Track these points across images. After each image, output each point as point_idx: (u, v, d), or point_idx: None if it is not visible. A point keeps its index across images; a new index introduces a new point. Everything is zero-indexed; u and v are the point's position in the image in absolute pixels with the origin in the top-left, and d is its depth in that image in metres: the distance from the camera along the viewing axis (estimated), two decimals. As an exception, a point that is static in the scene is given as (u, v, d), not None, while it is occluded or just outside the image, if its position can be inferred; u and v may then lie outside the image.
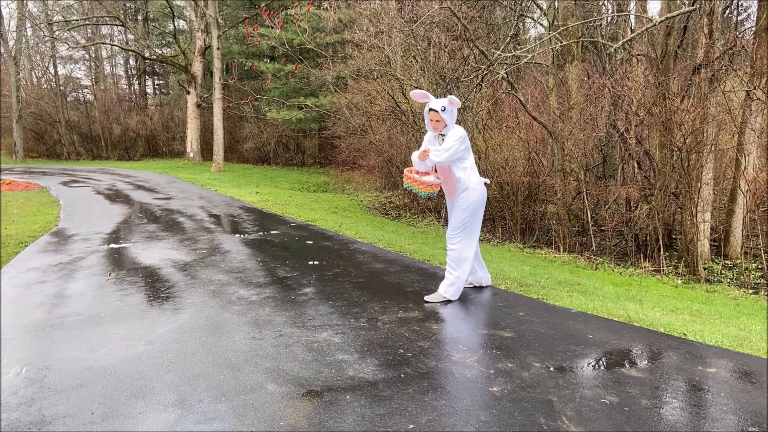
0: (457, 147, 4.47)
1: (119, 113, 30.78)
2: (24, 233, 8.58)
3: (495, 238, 9.38)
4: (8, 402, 3.03)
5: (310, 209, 11.26)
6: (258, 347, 3.74)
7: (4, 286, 5.59)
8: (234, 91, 24.86)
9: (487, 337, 3.89)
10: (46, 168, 24.17)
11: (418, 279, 5.46)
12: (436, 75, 10.39)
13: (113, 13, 24.00)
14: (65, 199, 13.04)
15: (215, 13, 21.31)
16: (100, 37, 31.49)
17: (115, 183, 16.58)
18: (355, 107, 13.73)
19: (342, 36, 16.67)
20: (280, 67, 20.98)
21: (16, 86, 27.84)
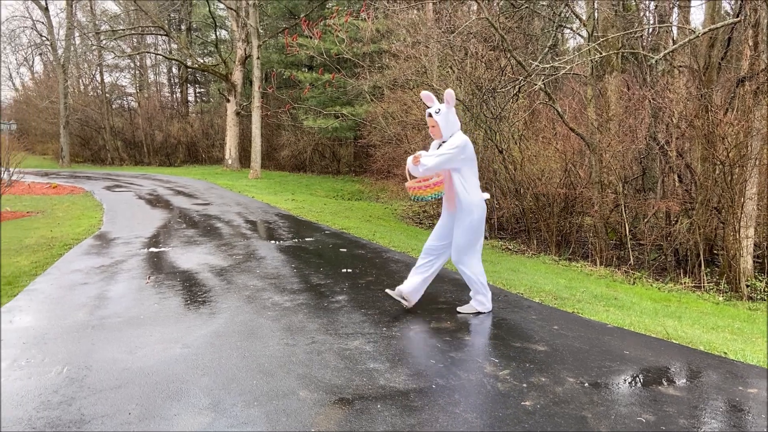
0: (453, 155, 4.24)
1: (161, 120, 31.56)
2: (68, 236, 8.86)
3: (530, 250, 9.28)
4: (49, 400, 3.14)
5: (344, 217, 11.34)
6: (291, 353, 3.79)
7: (50, 286, 5.78)
8: (272, 100, 25.26)
9: (520, 350, 3.85)
10: (91, 173, 24.92)
11: (450, 289, 5.44)
12: (473, 85, 10.38)
13: (158, 23, 24.68)
14: (108, 203, 13.42)
15: (256, 23, 21.72)
16: (145, 46, 32.43)
17: (156, 188, 16.99)
18: (390, 116, 13.79)
19: (379, 46, 16.80)
20: (318, 76, 21.24)
21: (64, 93, 28.83)
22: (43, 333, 4.29)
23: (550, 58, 9.94)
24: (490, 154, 10.32)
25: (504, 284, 5.73)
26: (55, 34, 30.69)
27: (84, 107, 31.95)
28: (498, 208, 10.30)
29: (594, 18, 10.28)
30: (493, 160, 10.26)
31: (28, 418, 2.93)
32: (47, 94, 33.18)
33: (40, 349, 3.94)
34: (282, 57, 25.49)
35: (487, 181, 10.37)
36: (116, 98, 34.86)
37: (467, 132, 10.66)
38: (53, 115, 31.61)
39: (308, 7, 23.24)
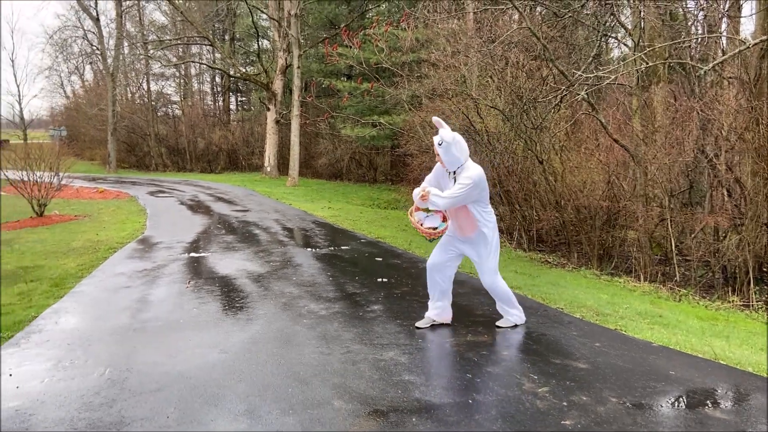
0: (465, 194, 4.11)
1: (204, 128, 32.21)
2: (113, 239, 9.09)
3: (570, 264, 9.09)
4: (91, 402, 3.20)
5: (380, 226, 11.33)
6: (326, 362, 3.78)
7: (94, 288, 5.92)
8: (311, 109, 25.51)
9: (560, 367, 3.75)
10: (136, 178, 25.59)
11: (488, 302, 5.35)
12: (513, 95, 10.27)
13: (203, 33, 25.26)
14: (152, 208, 13.74)
15: (297, 33, 22.03)
16: (190, 55, 33.25)
17: (197, 194, 17.32)
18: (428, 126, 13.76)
19: (418, 55, 16.81)
20: (357, 85, 21.36)
21: (113, 101, 29.72)
22: (87, 335, 4.39)
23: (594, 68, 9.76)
24: (529, 164, 10.17)
25: (543, 298, 5.62)
26: (105, 43, 31.71)
27: (131, 115, 32.88)
28: (537, 220, 10.13)
29: (640, 27, 10.06)
30: (532, 171, 10.11)
31: (70, 419, 2.99)
32: (96, 101, 34.27)
33: (84, 350, 4.04)
34: (321, 66, 25.74)
35: (527, 192, 10.21)
36: (161, 106, 35.75)
37: (506, 142, 10.54)
38: (102, 122, 32.60)
39: (348, 18, 23.46)
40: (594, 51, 10.65)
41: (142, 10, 33.49)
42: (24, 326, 4.65)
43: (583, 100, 9.02)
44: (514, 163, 10.40)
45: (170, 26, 33.47)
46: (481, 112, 10.99)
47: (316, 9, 25.26)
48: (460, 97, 11.33)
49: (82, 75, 44.96)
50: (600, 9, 10.11)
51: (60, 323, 4.73)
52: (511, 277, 6.76)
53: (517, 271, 7.45)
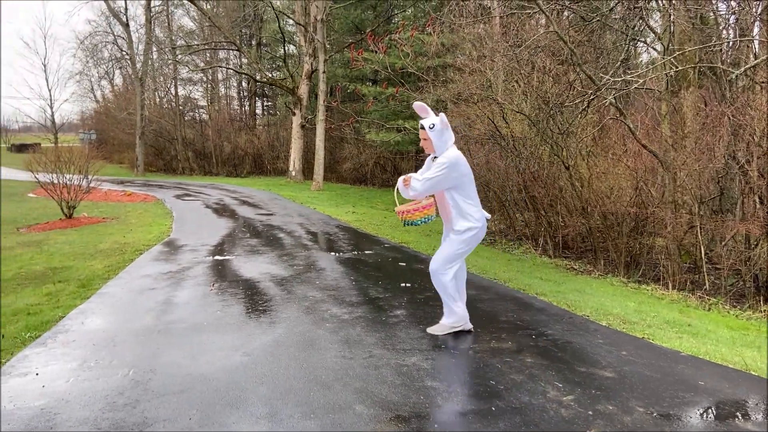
0: (442, 177, 4.04)
1: (230, 132, 32.57)
2: (140, 242, 9.22)
3: (596, 271, 8.94)
4: (115, 402, 3.22)
5: (404, 231, 11.30)
6: (348, 366, 3.76)
7: (120, 290, 6.00)
8: (336, 113, 25.64)
9: (586, 375, 3.68)
10: (163, 181, 25.97)
11: (512, 308, 5.29)
12: (539, 99, 10.16)
13: (230, 39, 25.56)
14: (178, 211, 13.91)
15: (323, 38, 22.17)
16: (217, 60, 33.65)
17: (222, 198, 17.49)
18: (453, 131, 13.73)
19: (444, 60, 16.78)
20: (382, 90, 21.40)
21: (141, 105, 30.24)
22: (112, 335, 4.44)
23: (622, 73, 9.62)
24: (555, 170, 10.05)
25: (569, 305, 5.53)
26: (135, 48, 32.32)
27: (159, 119, 33.41)
28: (563, 226, 9.99)
29: (670, 31, 9.89)
30: (558, 176, 9.99)
31: (93, 419, 3.01)
32: (125, 105, 34.92)
33: (109, 351, 4.08)
34: (347, 71, 25.86)
35: (552, 198, 10.09)
36: (189, 111, 36.24)
37: (532, 147, 10.44)
38: (130, 126, 33.19)
39: (374, 23, 23.53)
40: (622, 55, 10.50)
41: (171, 16, 34.07)
42: (51, 326, 4.73)
43: (610, 105, 8.89)
44: (540, 168, 10.29)
45: (198, 31, 33.96)
46: (507, 116, 10.90)
47: (342, 14, 25.41)
48: (486, 102, 11.26)
49: (112, 80, 45.88)
50: (629, 13, 9.96)
51: (86, 324, 4.79)
52: (537, 283, 6.67)
53: (542, 278, 7.35)
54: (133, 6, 47.66)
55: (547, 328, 4.69)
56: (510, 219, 11.81)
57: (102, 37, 39.00)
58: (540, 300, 5.68)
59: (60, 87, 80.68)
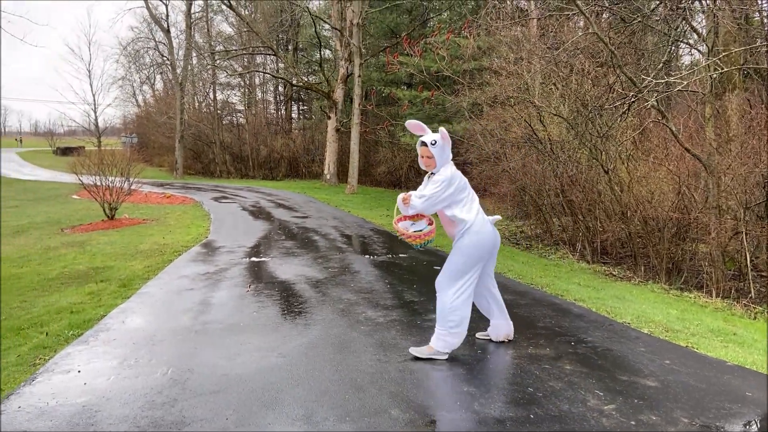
0: (440, 194, 3.91)
1: (266, 136, 32.98)
2: (178, 243, 9.38)
3: (636, 277, 8.72)
4: (154, 400, 3.27)
5: (439, 234, 11.22)
6: (383, 370, 3.74)
7: (159, 290, 6.11)
8: (371, 117, 25.72)
9: (628, 384, 3.57)
10: (201, 184, 26.43)
11: (550, 314, 5.19)
12: (578, 102, 9.99)
13: (268, 44, 25.90)
14: (215, 213, 14.12)
15: (359, 42, 22.27)
16: (254, 65, 34.14)
17: (258, 200, 17.70)
18: (489, 134, 13.58)
19: (480, 63, 16.65)
20: (417, 93, 21.36)
21: (181, 109, 30.87)
22: (151, 334, 4.52)
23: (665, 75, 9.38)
24: (594, 174, 9.86)
25: (609, 312, 5.40)
26: (175, 54, 33.04)
27: (197, 123, 34.04)
28: (602, 231, 9.78)
29: (714, 32, 9.60)
30: (597, 180, 9.79)
31: (133, 417, 3.06)
32: (165, 110, 35.69)
33: (148, 350, 4.15)
34: (382, 75, 25.91)
35: (591, 202, 9.90)
36: (226, 115, 36.83)
37: (570, 151, 10.27)
38: (170, 130, 33.91)
39: (410, 26, 23.54)
40: (664, 57, 10.26)
41: (210, 22, 34.71)
42: (93, 324, 4.83)
43: (652, 108, 8.68)
44: (578, 172, 10.11)
45: (236, 37, 34.51)
46: (544, 119, 10.75)
47: (378, 18, 25.50)
48: (523, 105, 11.13)
49: (153, 84, 47.01)
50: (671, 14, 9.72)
51: (126, 323, 4.89)
52: (575, 289, 6.54)
53: (580, 284, 7.21)
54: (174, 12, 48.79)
55: (586, 334, 4.58)
56: (546, 223, 11.64)
57: (144, 43, 40.05)
58: (578, 306, 5.56)
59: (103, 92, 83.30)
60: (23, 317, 5.50)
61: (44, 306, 5.82)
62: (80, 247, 9.50)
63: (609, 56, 8.90)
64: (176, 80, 31.56)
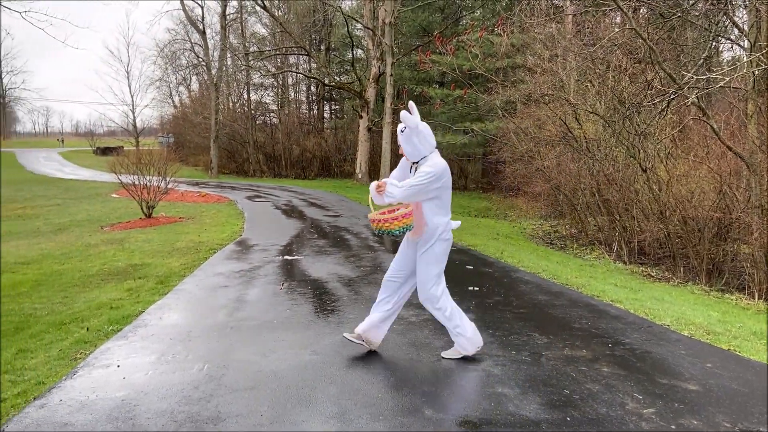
0: (425, 186, 3.64)
1: (299, 135, 33.27)
2: (214, 241, 9.52)
3: (675, 278, 8.52)
4: (190, 396, 3.31)
5: (470, 234, 11.15)
6: (416, 369, 3.72)
7: (195, 287, 6.20)
8: (403, 116, 25.70)
9: (668, 387, 3.49)
10: (235, 183, 26.79)
11: (586, 315, 5.10)
12: (615, 99, 9.80)
13: (301, 44, 26.12)
14: (249, 212, 14.29)
15: (391, 41, 22.27)
16: (287, 65, 34.44)
17: (291, 199, 17.85)
18: (522, 132, 13.44)
19: (513, 60, 16.50)
20: (449, 92, 21.27)
21: (216, 110, 31.34)
22: (187, 331, 4.59)
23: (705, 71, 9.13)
24: (631, 173, 9.67)
25: (647, 314, 5.28)
26: (210, 55, 33.55)
27: (232, 123, 34.52)
28: (639, 231, 9.58)
29: (756, 27, 9.31)
30: (635, 179, 9.59)
31: (170, 411, 3.11)
32: (201, 110, 36.29)
33: (185, 345, 4.21)
34: (414, 74, 25.88)
35: (628, 201, 9.70)
36: (260, 115, 37.27)
37: (607, 149, 10.08)
38: (205, 130, 34.47)
39: (442, 25, 23.45)
40: (705, 53, 9.98)
41: (245, 23, 35.13)
42: (131, 320, 4.93)
43: (692, 105, 8.46)
44: (615, 170, 9.92)
45: (270, 38, 34.87)
46: (580, 117, 10.58)
47: (410, 17, 25.45)
48: (558, 103, 10.97)
49: (189, 85, 47.84)
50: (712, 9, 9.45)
51: (164, 319, 4.97)
52: (611, 290, 6.41)
53: (617, 284, 7.07)
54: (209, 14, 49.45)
55: (624, 336, 4.49)
56: (582, 223, 11.45)
57: (180, 44, 40.75)
58: (615, 307, 5.45)
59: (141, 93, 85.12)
60: (65, 312, 5.64)
61: (85, 302, 5.97)
62: (119, 244, 9.72)
63: (647, 52, 8.71)
64: (211, 81, 32.05)
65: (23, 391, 3.52)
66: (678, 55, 10.76)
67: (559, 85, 10.91)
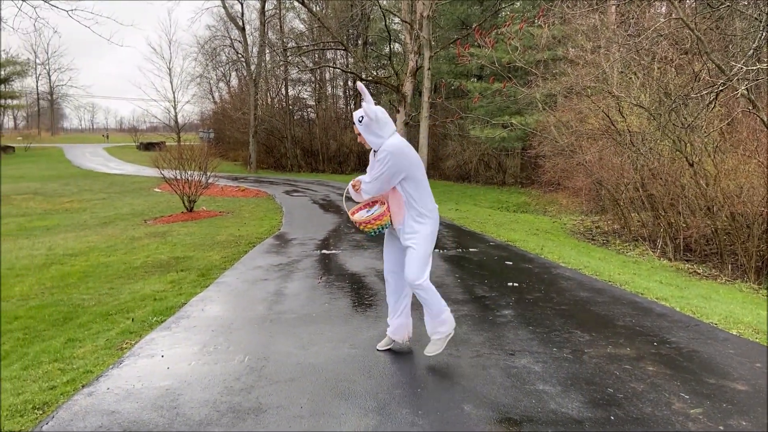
0: (387, 170, 3.49)
1: (336, 130, 33.44)
2: (253, 235, 9.65)
3: (723, 276, 8.25)
4: (232, 386, 3.36)
5: (509, 229, 11.03)
6: (455, 365, 3.70)
7: (236, 280, 6.30)
8: (440, 110, 25.55)
9: (715, 387, 3.38)
10: (273, 178, 27.12)
11: (630, 313, 4.98)
12: (660, 91, 9.53)
13: (338, 39, 26.18)
14: (287, 206, 14.44)
15: (429, 35, 22.12)
16: (325, 60, 34.58)
17: (328, 194, 17.97)
18: (563, 126, 13.19)
19: (554, 53, 16.19)
20: (488, 85, 21.03)
21: (254, 105, 31.74)
22: (229, 322, 4.66)
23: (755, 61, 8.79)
24: (677, 167, 9.38)
25: (694, 312, 5.12)
26: (249, 51, 33.97)
27: (270, 118, 34.92)
28: (685, 227, 9.30)
29: (812, 14, 8.90)
30: (681, 173, 9.31)
31: (213, 401, 3.16)
32: (240, 106, 36.82)
33: (226, 337, 4.28)
34: (451, 67, 25.66)
35: (673, 197, 9.43)
36: (297, 110, 37.58)
37: (651, 142, 9.81)
38: (244, 125, 34.97)
39: (481, 17, 23.17)
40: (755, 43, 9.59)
41: (283, 19, 35.43)
42: (175, 311, 5.04)
43: (742, 97, 8.16)
44: (660, 165, 9.65)
45: (308, 33, 35.08)
46: (623, 110, 10.32)
47: (448, 10, 25.24)
48: (600, 95, 10.73)
49: (228, 81, 48.55)
50: (764, -5, 9.09)
51: (206, 310, 5.06)
52: (656, 287, 6.25)
53: (662, 282, 6.89)
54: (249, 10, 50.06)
55: (669, 335, 4.37)
56: (624, 218, 11.19)
57: (220, 41, 41.39)
58: (660, 305, 5.31)
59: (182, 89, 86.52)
60: (111, 303, 5.81)
61: (130, 293, 6.13)
62: (162, 237, 9.94)
63: (695, 43, 8.43)
64: (250, 77, 32.48)
65: (72, 379, 3.63)
66: (726, 45, 10.38)
67: (602, 78, 10.66)
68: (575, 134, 12.31)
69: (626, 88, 10.38)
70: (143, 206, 15.88)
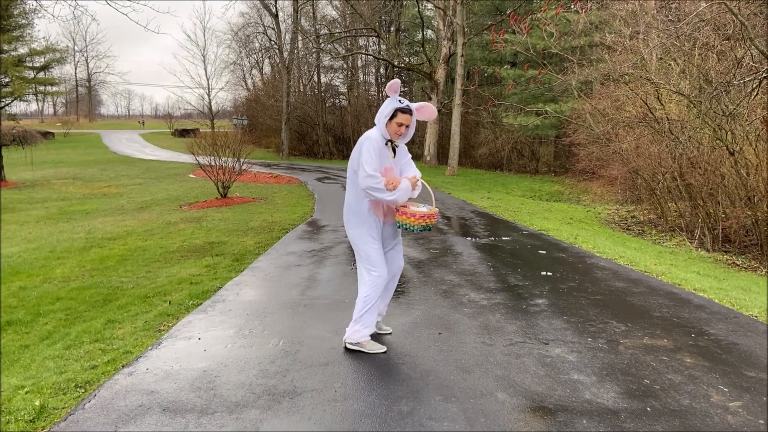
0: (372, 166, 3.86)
1: (368, 118, 33.42)
2: (286, 221, 9.75)
3: (763, 267, 8.04)
4: (267, 369, 3.42)
5: (542, 218, 10.91)
6: (488, 353, 3.69)
7: (269, 265, 6.38)
8: (472, 97, 25.31)
9: (756, 381, 3.30)
10: (305, 165, 27.29)
11: (667, 304, 4.90)
12: (701, 78, 9.26)
13: (371, 25, 26.11)
14: (319, 193, 14.54)
15: (462, 21, 21.89)
16: (357, 47, 34.57)
17: (360, 181, 17.99)
18: (599, 114, 12.94)
19: (591, 39, 15.86)
20: (522, 72, 20.74)
21: (287, 92, 31.91)
22: (263, 307, 4.73)
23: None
24: (717, 156, 9.13)
25: (733, 304, 5.01)
26: (282, 39, 34.11)
27: (302, 105, 35.10)
28: (724, 217, 9.07)
29: None
30: (721, 162, 9.06)
31: (249, 384, 3.22)
32: (273, 93, 37.08)
33: (261, 321, 4.35)
34: (485, 54, 25.38)
35: (712, 186, 9.19)
36: (329, 97, 37.68)
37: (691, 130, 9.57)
38: (277, 112, 35.22)
39: (516, 3, 22.81)
40: (803, 26, 9.23)
41: (316, 6, 35.45)
42: (210, 295, 5.14)
43: (788, 83, 7.88)
44: (699, 153, 9.41)
45: (340, 20, 35.04)
46: (662, 97, 10.08)
47: (482, -4, 24.93)
48: (638, 82, 10.48)
49: (261, 69, 48.88)
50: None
51: (240, 295, 5.15)
52: (694, 278, 6.13)
53: (699, 273, 6.74)
54: (282, -2, 50.36)
55: (708, 326, 4.28)
56: (661, 208, 10.97)
57: (253, 28, 41.63)
58: (699, 296, 5.20)
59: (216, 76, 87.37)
60: (149, 286, 5.95)
61: (167, 276, 6.26)
62: (197, 222, 10.12)
63: (738, 28, 8.16)
64: (283, 64, 32.64)
65: (112, 359, 3.74)
66: (773, 29, 10.02)
67: (640, 64, 10.41)
68: (611, 122, 12.06)
69: (665, 75, 10.11)
70: (178, 192, 16.16)
